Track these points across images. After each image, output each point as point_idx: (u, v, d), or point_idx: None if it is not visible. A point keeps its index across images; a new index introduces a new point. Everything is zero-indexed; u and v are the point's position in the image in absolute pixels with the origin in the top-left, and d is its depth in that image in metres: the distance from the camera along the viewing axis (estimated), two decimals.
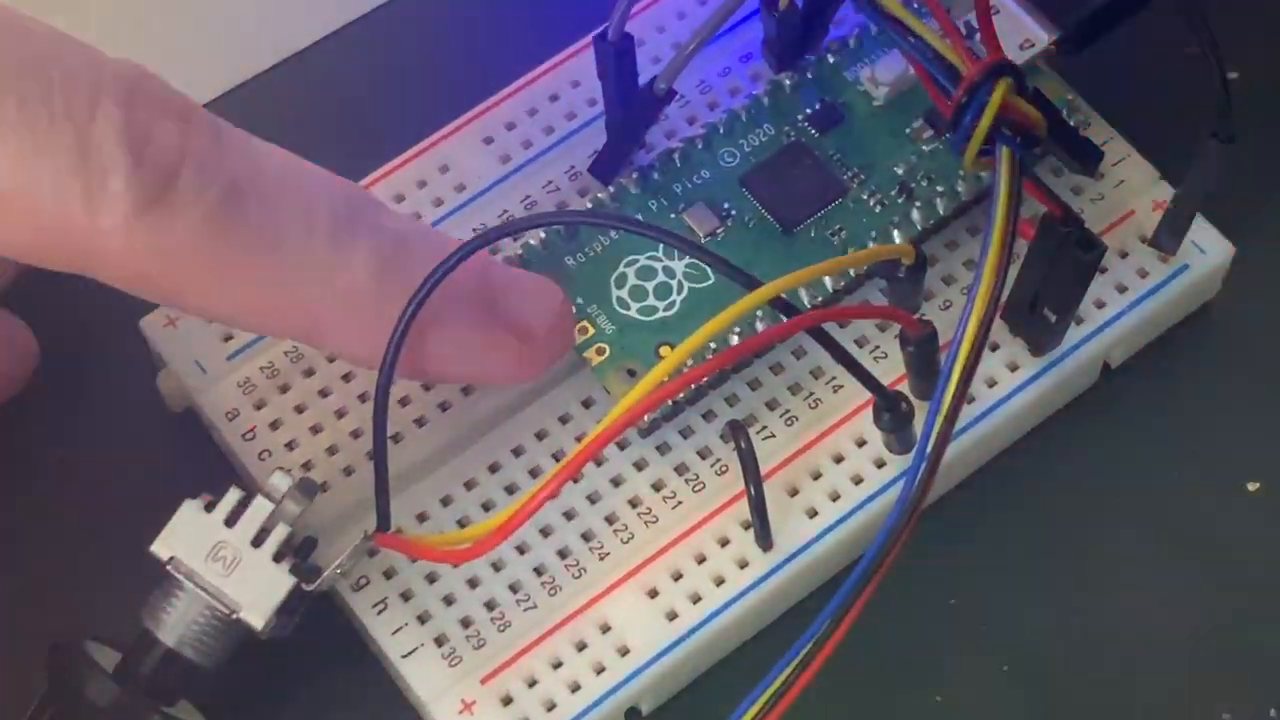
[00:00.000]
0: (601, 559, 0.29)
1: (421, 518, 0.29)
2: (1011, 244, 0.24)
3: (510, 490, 0.29)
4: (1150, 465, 0.31)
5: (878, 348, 0.30)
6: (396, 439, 0.29)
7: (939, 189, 0.30)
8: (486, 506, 0.29)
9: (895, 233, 0.30)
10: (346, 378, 0.30)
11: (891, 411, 0.28)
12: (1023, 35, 0.31)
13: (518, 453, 0.30)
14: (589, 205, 0.31)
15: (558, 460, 0.29)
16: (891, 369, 0.30)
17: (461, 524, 0.29)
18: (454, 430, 0.30)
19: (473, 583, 0.28)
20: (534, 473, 0.29)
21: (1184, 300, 0.31)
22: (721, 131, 0.31)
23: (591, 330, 0.30)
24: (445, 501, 0.29)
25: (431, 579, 0.28)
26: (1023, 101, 0.24)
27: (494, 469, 0.29)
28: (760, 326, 0.29)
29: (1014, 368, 0.30)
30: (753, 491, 0.28)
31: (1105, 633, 0.29)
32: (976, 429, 0.29)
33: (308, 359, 0.30)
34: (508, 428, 0.30)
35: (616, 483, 0.29)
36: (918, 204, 0.30)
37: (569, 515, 0.29)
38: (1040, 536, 0.30)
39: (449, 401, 0.30)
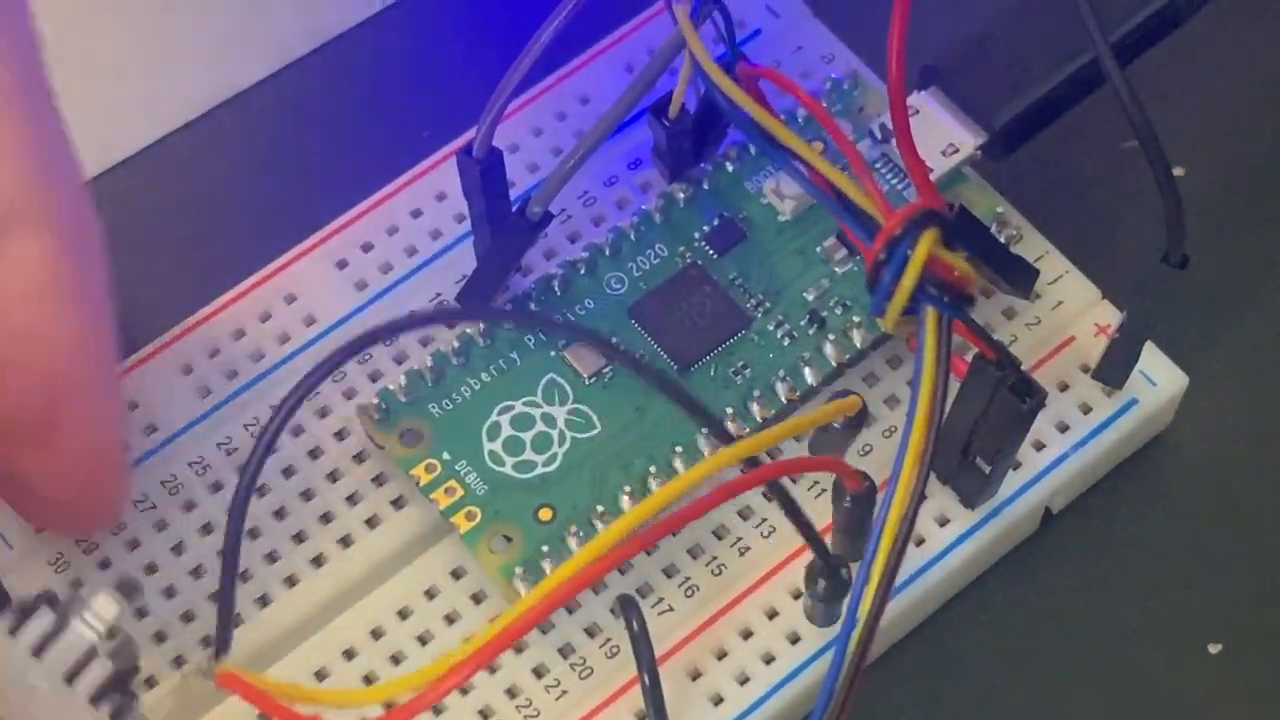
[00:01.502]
0: None
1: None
2: (940, 417, 0.20)
3: (369, 680, 0.25)
4: (1099, 623, 0.27)
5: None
6: (238, 620, 0.25)
7: (855, 318, 0.27)
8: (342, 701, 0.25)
9: (806, 370, 0.26)
10: (177, 550, 0.26)
11: (831, 579, 0.24)
12: (946, 140, 0.27)
13: (377, 635, 0.26)
14: (456, 340, 0.27)
15: (423, 643, 0.25)
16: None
17: None
18: (302, 607, 0.26)
19: None
20: (396, 659, 0.25)
21: (1133, 437, 0.27)
22: (608, 253, 0.27)
23: (460, 490, 0.26)
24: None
25: None
26: (952, 255, 0.20)
27: (350, 655, 0.25)
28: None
29: (944, 522, 0.26)
30: (646, 680, 0.24)
31: None
32: (905, 594, 0.26)
33: (131, 529, 0.26)
34: (365, 605, 0.26)
35: (492, 669, 0.25)
36: (831, 336, 0.27)
37: (438, 710, 0.25)
38: (978, 708, 0.27)
39: (296, 575, 0.26)
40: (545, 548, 0.25)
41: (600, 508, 0.25)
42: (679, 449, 0.26)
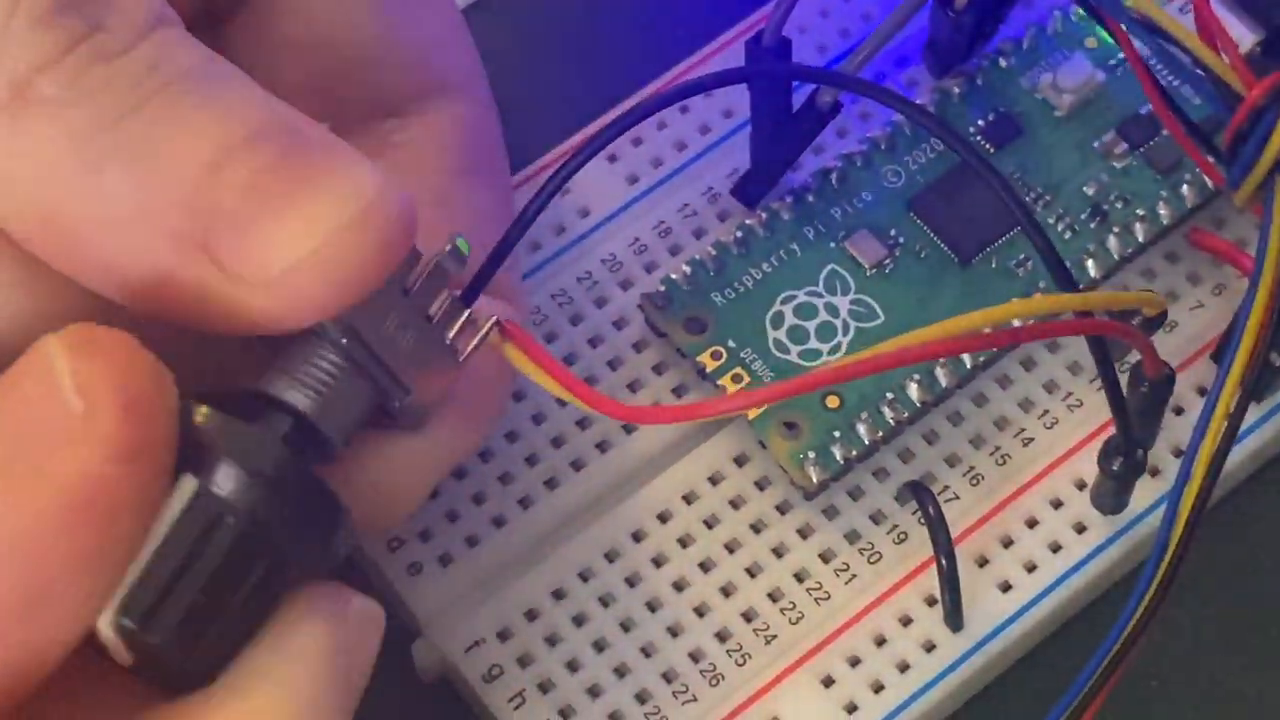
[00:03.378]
0: (768, 643, 0.25)
1: (558, 594, 0.25)
2: None
3: (658, 562, 0.26)
4: None
5: (1070, 394, 0.26)
6: (525, 503, 0.26)
7: (1138, 212, 0.27)
8: (631, 581, 0.25)
9: (1089, 262, 0.26)
10: None
11: (1127, 457, 0.24)
12: None
13: (664, 518, 0.26)
14: (737, 231, 0.27)
15: (709, 527, 0.26)
16: (1081, 422, 0.26)
17: (604, 601, 0.25)
18: (587, 492, 0.26)
19: (620, 671, 0.25)
20: (683, 541, 0.26)
21: None
22: (883, 147, 0.28)
23: (746, 377, 0.26)
24: (585, 576, 0.26)
25: (574, 667, 0.25)
26: None
27: (638, 537, 0.26)
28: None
29: None
30: (944, 563, 0.25)
31: None
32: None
33: None
34: (650, 490, 0.26)
35: (779, 553, 0.26)
36: (1114, 229, 0.27)
37: (726, 591, 0.25)
38: (1247, 604, 0.27)
39: (582, 459, 0.26)
40: (836, 433, 0.25)
41: (889, 395, 0.26)
42: None
